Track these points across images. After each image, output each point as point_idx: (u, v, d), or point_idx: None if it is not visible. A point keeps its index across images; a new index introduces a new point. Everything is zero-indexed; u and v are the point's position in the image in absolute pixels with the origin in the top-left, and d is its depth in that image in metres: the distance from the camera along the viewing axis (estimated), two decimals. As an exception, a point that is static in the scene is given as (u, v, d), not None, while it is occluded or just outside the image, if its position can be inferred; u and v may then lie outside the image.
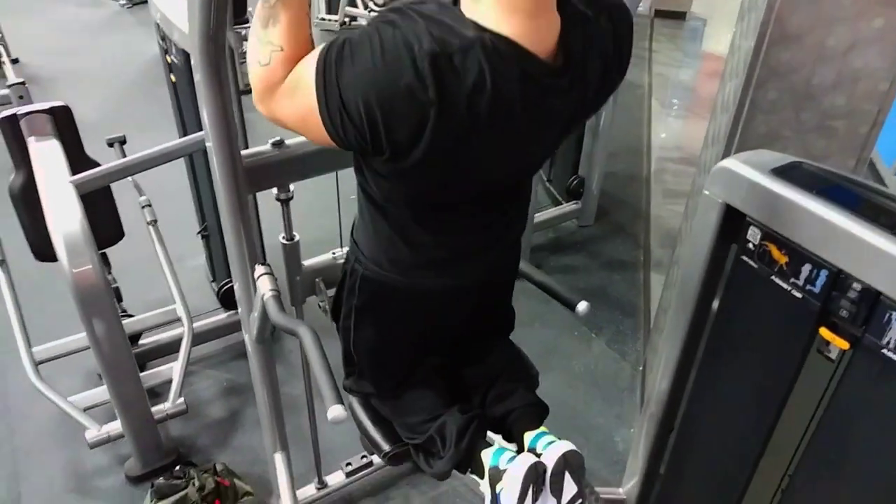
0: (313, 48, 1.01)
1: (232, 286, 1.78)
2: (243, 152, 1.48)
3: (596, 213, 3.79)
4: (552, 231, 3.74)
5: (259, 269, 1.47)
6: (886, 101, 1.77)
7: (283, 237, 1.63)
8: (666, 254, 3.36)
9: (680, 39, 6.39)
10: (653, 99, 5.16)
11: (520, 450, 1.32)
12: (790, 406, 1.40)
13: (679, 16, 6.54)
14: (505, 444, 1.38)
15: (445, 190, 1.11)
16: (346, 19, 5.61)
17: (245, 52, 5.46)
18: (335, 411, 1.17)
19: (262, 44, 1.03)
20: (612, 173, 4.07)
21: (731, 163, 1.34)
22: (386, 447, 1.48)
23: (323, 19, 5.72)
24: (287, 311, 1.44)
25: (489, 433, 1.40)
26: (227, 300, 2.86)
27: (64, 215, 1.96)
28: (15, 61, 5.05)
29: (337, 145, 1.02)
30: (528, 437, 1.32)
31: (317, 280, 1.66)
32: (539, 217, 3.56)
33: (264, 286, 1.44)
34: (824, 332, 1.23)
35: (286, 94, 1.02)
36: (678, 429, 1.81)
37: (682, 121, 5.16)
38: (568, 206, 3.73)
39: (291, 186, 1.60)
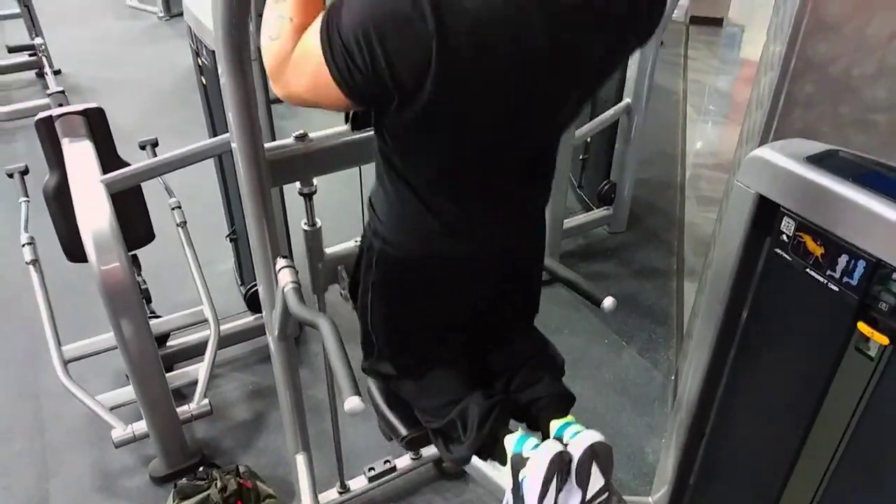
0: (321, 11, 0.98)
1: (257, 290, 1.79)
2: (266, 145, 1.48)
3: (628, 219, 3.72)
4: (582, 237, 3.68)
5: (280, 262, 1.46)
6: (930, 93, 1.70)
7: (305, 223, 1.61)
8: (700, 262, 3.27)
9: (717, 46, 6.29)
10: (688, 106, 5.07)
11: (544, 438, 1.27)
12: (827, 408, 1.33)
13: (716, 22, 6.44)
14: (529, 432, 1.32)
15: (462, 148, 1.06)
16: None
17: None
18: (352, 402, 1.15)
19: (275, 18, 1.01)
20: (645, 180, 4.00)
21: (765, 152, 1.29)
22: (404, 431, 1.44)
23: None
24: (308, 305, 1.42)
25: (512, 421, 1.34)
26: (253, 303, 2.86)
27: (93, 213, 1.98)
28: (57, 72, 5.19)
29: (351, 100, 0.98)
30: (555, 425, 1.26)
31: (339, 268, 1.64)
32: (569, 223, 3.50)
33: (284, 278, 1.42)
34: (863, 326, 1.17)
35: (297, 63, 1.00)
36: (709, 434, 1.74)
37: (718, 127, 5.06)
38: (599, 212, 3.67)
39: (315, 181, 1.59)
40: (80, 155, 2.20)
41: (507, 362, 1.40)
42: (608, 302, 1.42)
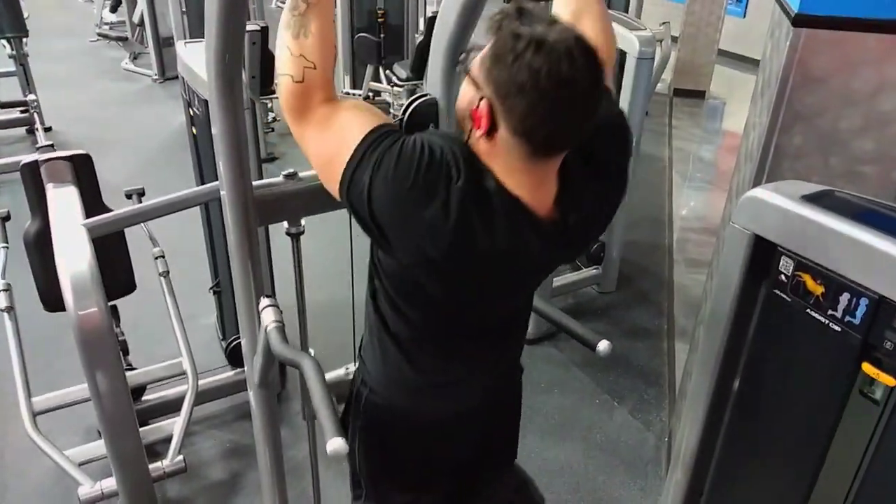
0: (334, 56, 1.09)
1: (240, 342, 1.72)
2: (255, 183, 1.45)
3: (617, 280, 3.71)
4: (572, 297, 3.66)
5: (264, 301, 1.41)
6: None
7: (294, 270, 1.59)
8: (691, 322, 3.24)
9: (700, 117, 6.45)
10: (674, 172, 5.15)
11: None
12: (832, 459, 1.27)
13: (698, 94, 6.63)
14: None
15: (445, 315, 1.19)
16: (370, 93, 5.76)
17: (270, 122, 5.58)
18: (335, 444, 1.09)
19: (294, 57, 1.05)
20: (634, 242, 4.01)
21: (761, 192, 1.28)
22: None
23: (347, 93, 5.87)
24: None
25: None
26: (234, 357, 2.78)
27: (74, 256, 1.93)
28: (48, 129, 5.21)
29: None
30: None
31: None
32: (558, 282, 3.48)
33: (268, 317, 1.37)
34: (867, 367, 1.13)
35: (320, 131, 1.07)
36: (707, 492, 1.66)
37: (704, 193, 5.13)
38: (588, 272, 3.65)
39: (303, 221, 1.56)
40: (63, 199, 2.16)
41: None
42: (603, 345, 1.38)
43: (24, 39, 4.96)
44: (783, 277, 1.23)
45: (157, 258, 2.60)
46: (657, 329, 3.46)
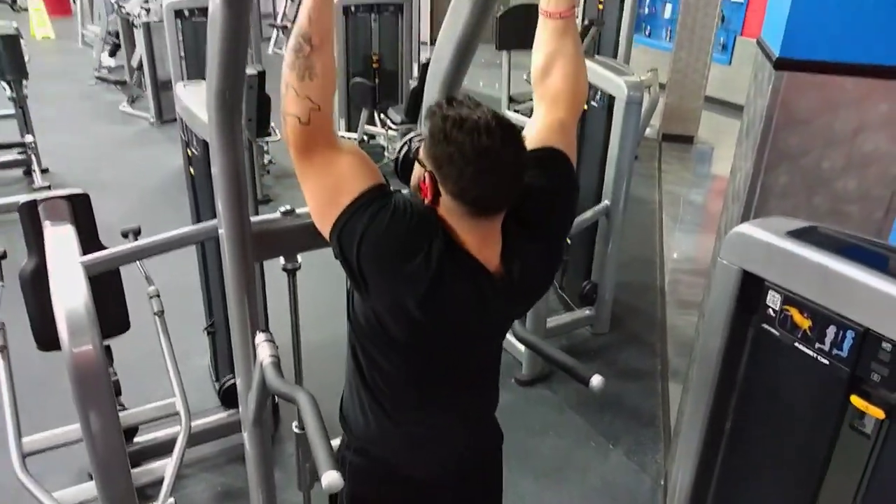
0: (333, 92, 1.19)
1: (234, 383, 1.72)
2: (253, 219, 1.48)
3: (610, 321, 3.72)
4: (566, 338, 3.66)
5: (260, 336, 1.43)
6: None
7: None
8: (684, 363, 3.25)
9: (688, 161, 6.55)
10: (664, 214, 5.22)
11: None
12: (825, 493, 1.28)
13: (687, 140, 6.74)
14: None
15: (416, 362, 1.27)
16: (365, 137, 5.84)
17: (266, 165, 5.62)
18: (330, 477, 1.10)
19: (300, 98, 1.14)
20: (626, 283, 4.04)
21: (747, 228, 1.32)
22: None
23: (343, 137, 5.96)
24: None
25: None
26: (228, 397, 2.77)
27: (70, 294, 1.94)
28: (45, 171, 5.25)
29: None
30: None
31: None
32: (552, 322, 3.49)
33: (264, 352, 1.38)
34: (856, 400, 1.14)
35: (321, 174, 1.18)
36: (704, 531, 1.66)
37: (694, 235, 5.18)
38: (581, 313, 3.67)
39: (299, 257, 1.58)
40: (60, 237, 2.18)
41: None
42: (596, 380, 1.39)
43: (24, 81, 5.04)
44: (771, 311, 1.26)
45: (151, 297, 2.60)
46: (651, 370, 3.46)
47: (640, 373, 3.44)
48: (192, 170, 2.55)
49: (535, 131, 1.31)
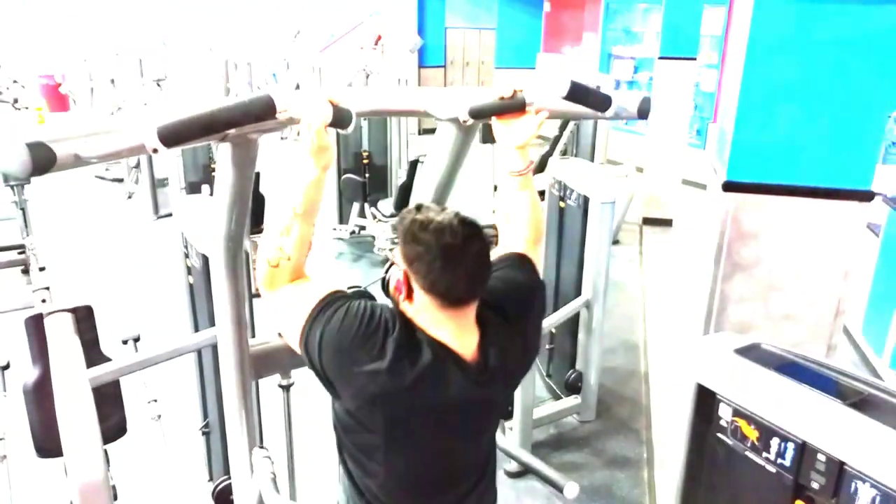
0: (309, 250, 1.35)
1: (227, 484, 1.79)
2: (251, 340, 1.61)
3: (597, 408, 3.80)
4: (553, 427, 3.72)
5: (258, 453, 1.53)
6: (846, 290, 1.92)
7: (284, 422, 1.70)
8: (669, 450, 3.32)
9: (669, 244, 6.76)
10: (646, 297, 5.36)
11: None
12: None
13: (666, 223, 7.00)
14: None
15: (401, 463, 1.34)
16: (356, 228, 6.03)
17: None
18: None
19: (276, 247, 1.32)
20: (612, 368, 4.14)
21: (700, 343, 1.46)
22: None
23: (335, 229, 6.15)
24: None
25: None
26: (221, 499, 2.80)
27: (75, 407, 2.03)
28: (42, 269, 5.36)
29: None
30: None
31: None
32: (539, 412, 3.57)
33: (261, 469, 1.48)
34: (802, 506, 1.26)
35: (284, 304, 1.34)
36: None
37: (675, 318, 5.31)
38: (568, 401, 3.75)
39: (293, 373, 1.70)
40: (65, 351, 2.28)
41: None
42: (570, 489, 1.49)
43: (25, 186, 5.22)
44: (724, 422, 1.38)
45: (149, 402, 2.68)
46: (637, 458, 3.52)
47: (628, 461, 3.50)
48: (190, 279, 2.68)
49: (502, 251, 1.48)
